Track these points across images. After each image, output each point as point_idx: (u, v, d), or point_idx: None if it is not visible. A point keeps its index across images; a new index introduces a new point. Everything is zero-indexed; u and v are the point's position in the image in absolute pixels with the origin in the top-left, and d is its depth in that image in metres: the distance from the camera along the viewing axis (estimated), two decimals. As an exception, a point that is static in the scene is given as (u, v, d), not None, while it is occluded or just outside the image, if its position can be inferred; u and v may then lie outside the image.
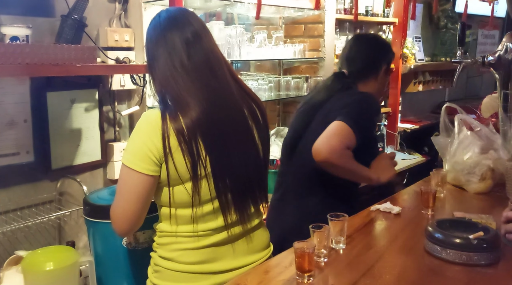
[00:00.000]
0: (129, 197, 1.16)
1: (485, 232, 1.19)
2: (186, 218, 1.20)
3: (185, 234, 1.21)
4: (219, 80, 1.19)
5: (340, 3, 3.01)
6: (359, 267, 1.18)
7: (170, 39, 1.18)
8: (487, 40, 5.17)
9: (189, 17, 1.23)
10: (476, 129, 1.76)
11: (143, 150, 1.13)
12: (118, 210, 1.18)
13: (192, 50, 1.17)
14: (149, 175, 1.14)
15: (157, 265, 1.26)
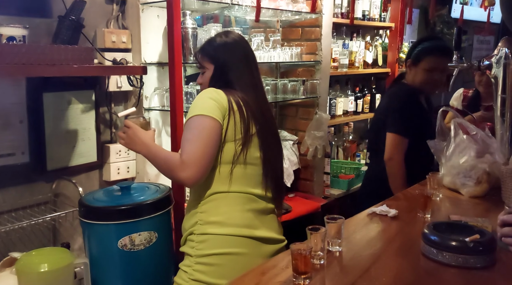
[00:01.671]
0: (204, 142, 1.37)
1: (481, 235, 1.20)
2: (238, 175, 1.44)
3: (235, 193, 1.44)
4: (259, 81, 1.60)
5: (337, 7, 3.02)
6: (355, 269, 1.18)
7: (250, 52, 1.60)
8: (483, 46, 5.21)
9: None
10: (472, 133, 1.77)
11: (214, 104, 1.41)
12: (193, 156, 1.36)
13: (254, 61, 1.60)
14: (219, 122, 1.39)
15: (204, 233, 1.42)
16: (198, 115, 1.40)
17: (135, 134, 1.51)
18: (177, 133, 1.92)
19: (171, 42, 1.87)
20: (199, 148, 1.37)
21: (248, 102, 1.47)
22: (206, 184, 1.45)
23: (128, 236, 1.61)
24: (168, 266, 1.79)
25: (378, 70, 3.47)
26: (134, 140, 1.50)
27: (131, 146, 1.52)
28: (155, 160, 1.48)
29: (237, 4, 2.26)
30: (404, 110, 2.07)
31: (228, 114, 1.41)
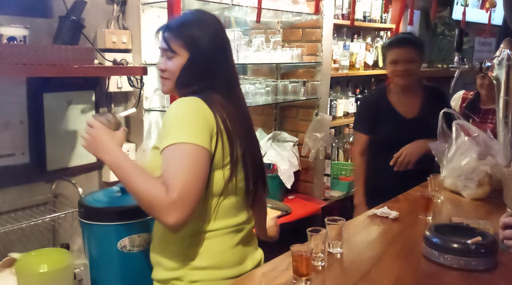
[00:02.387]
0: (195, 175, 1.08)
1: (483, 237, 1.19)
2: (226, 206, 1.23)
3: (225, 230, 1.23)
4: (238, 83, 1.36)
5: (338, 9, 3.02)
6: (356, 271, 1.17)
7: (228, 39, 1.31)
8: (484, 48, 5.21)
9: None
10: (474, 135, 1.76)
11: (203, 125, 1.14)
12: (187, 195, 1.06)
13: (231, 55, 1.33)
14: (209, 151, 1.13)
15: (196, 281, 1.19)
16: (186, 144, 1.09)
17: (97, 137, 1.19)
18: (178, 134, 1.91)
19: (171, 43, 1.87)
20: (193, 184, 1.08)
21: (232, 114, 1.22)
22: (192, 220, 1.15)
23: (128, 237, 1.60)
24: (168, 267, 1.78)
25: (379, 71, 3.46)
26: (96, 145, 1.20)
27: (93, 151, 1.21)
28: (125, 178, 1.13)
29: (237, 5, 2.26)
30: (361, 107, 2.36)
31: (216, 136, 1.16)
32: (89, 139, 1.21)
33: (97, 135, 1.20)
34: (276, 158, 2.66)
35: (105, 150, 1.18)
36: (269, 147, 2.76)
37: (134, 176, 1.11)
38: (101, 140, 1.19)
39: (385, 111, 2.18)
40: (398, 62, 2.11)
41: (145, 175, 1.12)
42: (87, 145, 1.22)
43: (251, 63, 2.67)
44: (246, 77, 2.83)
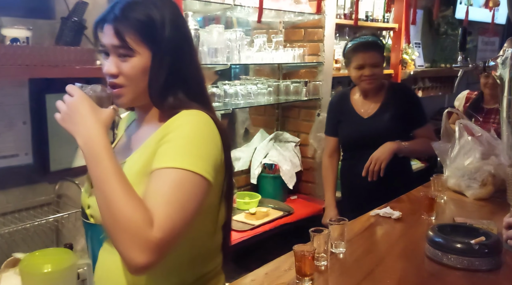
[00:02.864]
0: (189, 217, 0.85)
1: (486, 237, 1.19)
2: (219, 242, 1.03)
3: (217, 266, 1.05)
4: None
5: (340, 8, 3.01)
6: (359, 271, 1.17)
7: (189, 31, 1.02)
8: (487, 47, 5.19)
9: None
10: (477, 134, 1.75)
11: (214, 155, 0.91)
12: (169, 236, 0.81)
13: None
14: (212, 186, 0.90)
15: None
16: (193, 174, 0.86)
17: (75, 109, 0.91)
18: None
19: (174, 43, 1.87)
20: (183, 227, 0.84)
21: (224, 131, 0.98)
22: (197, 260, 0.97)
23: (131, 238, 1.60)
24: (171, 267, 1.78)
25: (382, 71, 3.46)
26: (72, 119, 0.91)
27: (67, 124, 0.92)
28: (100, 176, 0.85)
29: (239, 5, 2.26)
30: (327, 110, 2.30)
31: (223, 164, 0.95)
32: (64, 110, 0.92)
33: (75, 106, 0.91)
34: (278, 158, 2.66)
35: (82, 126, 0.89)
36: (271, 147, 2.76)
37: (114, 180, 0.84)
38: (79, 113, 0.90)
39: (347, 113, 2.16)
40: (364, 67, 2.03)
41: (129, 186, 0.84)
42: (61, 117, 0.93)
43: (253, 63, 2.66)
44: (248, 77, 2.82)
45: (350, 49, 2.09)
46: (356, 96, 2.17)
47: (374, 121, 2.08)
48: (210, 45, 2.18)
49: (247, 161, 2.72)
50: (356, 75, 2.06)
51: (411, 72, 3.70)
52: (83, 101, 0.92)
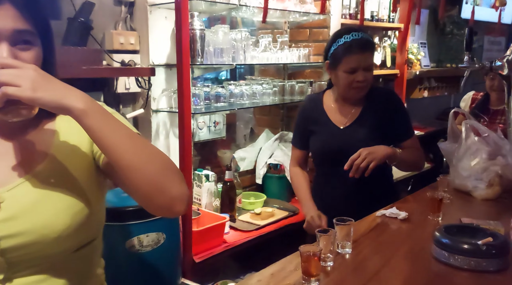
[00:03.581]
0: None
1: (494, 238, 1.17)
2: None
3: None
4: None
5: (345, 8, 3.00)
6: (365, 272, 1.16)
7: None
8: (493, 47, 5.16)
9: None
10: (484, 135, 1.74)
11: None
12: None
13: None
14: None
15: None
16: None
17: (44, 74, 0.77)
18: (185, 135, 1.92)
19: (179, 44, 1.87)
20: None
21: None
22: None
23: (136, 237, 1.61)
24: (176, 267, 1.79)
25: (387, 71, 3.45)
26: (50, 84, 0.76)
27: (45, 93, 0.74)
28: (123, 131, 0.81)
29: (244, 5, 2.26)
30: (296, 119, 1.90)
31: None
32: (29, 77, 0.73)
33: (39, 71, 0.76)
34: (283, 158, 2.66)
35: (68, 89, 0.77)
36: (276, 147, 2.76)
37: (132, 130, 0.85)
38: (50, 78, 0.77)
39: (320, 122, 1.78)
40: (357, 71, 1.66)
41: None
42: (30, 86, 0.72)
43: (258, 63, 2.66)
44: (253, 77, 2.83)
45: (340, 49, 1.67)
46: (330, 102, 1.80)
47: (352, 132, 1.73)
48: (216, 45, 2.18)
49: (252, 161, 2.72)
50: (347, 81, 1.68)
51: (417, 72, 3.68)
52: (37, 67, 0.77)
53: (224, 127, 2.57)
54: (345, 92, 1.74)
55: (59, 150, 0.90)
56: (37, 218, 0.83)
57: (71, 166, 0.89)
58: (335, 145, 1.74)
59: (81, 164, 0.91)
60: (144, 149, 0.82)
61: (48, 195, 0.85)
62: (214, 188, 2.30)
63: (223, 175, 2.32)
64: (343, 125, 1.76)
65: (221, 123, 2.54)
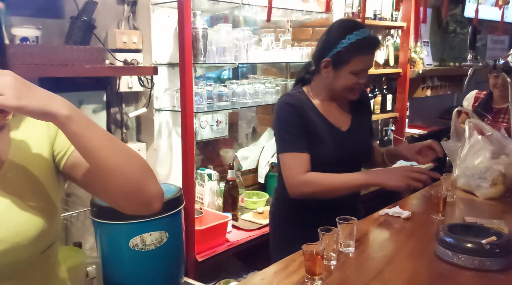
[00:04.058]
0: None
1: (498, 237, 1.17)
2: None
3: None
4: None
5: (348, 7, 3.00)
6: (368, 271, 1.16)
7: None
8: (497, 46, 5.14)
9: None
10: (487, 133, 1.74)
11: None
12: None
13: None
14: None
15: None
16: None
17: (25, 82, 0.76)
18: (187, 134, 1.92)
19: (181, 43, 1.87)
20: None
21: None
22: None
23: (139, 236, 1.61)
24: (179, 265, 1.79)
25: (390, 70, 3.44)
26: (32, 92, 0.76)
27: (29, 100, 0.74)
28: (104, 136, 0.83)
29: (247, 4, 2.26)
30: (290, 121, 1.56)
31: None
32: (11, 86, 0.73)
33: (21, 80, 0.75)
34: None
35: (51, 96, 0.77)
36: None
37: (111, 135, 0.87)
38: (33, 86, 0.76)
39: (319, 125, 1.55)
40: (362, 72, 1.53)
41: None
42: (14, 95, 0.72)
43: (260, 62, 2.67)
44: (256, 76, 2.82)
45: (351, 47, 1.48)
46: (317, 102, 1.59)
47: (355, 135, 1.61)
48: (218, 44, 2.18)
49: (254, 160, 2.72)
50: (351, 83, 1.52)
51: (420, 71, 3.68)
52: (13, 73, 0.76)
53: (227, 126, 2.57)
54: (341, 94, 1.56)
55: (17, 156, 0.88)
56: (8, 227, 0.81)
57: (32, 170, 0.89)
58: (342, 149, 1.56)
59: (42, 167, 0.90)
60: (124, 150, 0.86)
61: (14, 202, 0.84)
62: (217, 187, 2.30)
63: (226, 174, 2.32)
64: (344, 127, 1.61)
65: (223, 122, 2.54)
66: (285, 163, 1.50)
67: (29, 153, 0.89)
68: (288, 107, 1.53)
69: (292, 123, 1.52)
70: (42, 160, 0.91)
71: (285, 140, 1.52)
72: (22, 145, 0.89)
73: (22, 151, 0.89)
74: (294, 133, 1.51)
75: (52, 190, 0.91)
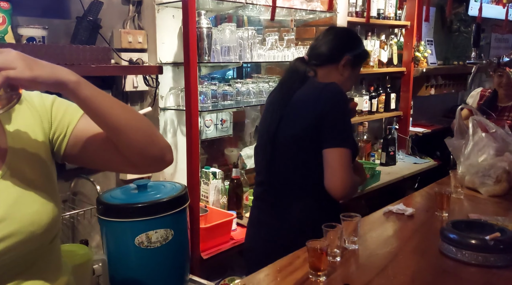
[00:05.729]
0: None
1: (502, 233, 1.18)
2: None
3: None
4: None
5: (352, 6, 3.00)
6: (372, 267, 1.17)
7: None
8: (501, 44, 5.12)
9: None
10: (491, 131, 1.74)
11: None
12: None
13: None
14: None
15: None
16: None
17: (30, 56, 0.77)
18: (192, 133, 1.93)
19: (186, 42, 1.89)
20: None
21: None
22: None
23: (145, 233, 1.62)
24: (184, 263, 1.80)
25: (393, 69, 3.44)
26: (40, 63, 0.78)
27: (41, 71, 0.76)
28: (112, 101, 0.87)
29: (251, 4, 2.27)
30: (348, 117, 1.54)
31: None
32: (22, 59, 0.74)
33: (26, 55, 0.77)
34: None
35: (57, 67, 0.79)
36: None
37: (117, 99, 0.90)
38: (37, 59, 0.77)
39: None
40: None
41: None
42: (25, 66, 0.74)
43: (264, 61, 2.67)
44: (260, 75, 2.83)
45: (364, 54, 1.63)
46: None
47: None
48: (223, 43, 2.19)
49: (258, 159, 2.72)
50: (352, 85, 1.67)
51: (424, 70, 3.67)
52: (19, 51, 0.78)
53: (231, 125, 2.58)
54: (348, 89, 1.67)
55: (16, 146, 0.88)
56: (22, 217, 0.82)
57: (33, 158, 0.89)
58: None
59: (42, 155, 0.91)
60: (130, 109, 0.92)
61: (24, 191, 0.84)
62: (221, 186, 2.32)
63: (230, 173, 2.33)
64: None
65: (228, 121, 2.55)
66: (343, 159, 1.37)
67: (27, 143, 0.89)
68: (346, 99, 1.47)
69: (349, 118, 1.47)
70: (40, 148, 0.91)
71: (348, 135, 1.42)
72: (18, 135, 0.89)
73: (20, 141, 0.89)
74: (351, 129, 1.47)
75: (52, 176, 0.92)
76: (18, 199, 0.83)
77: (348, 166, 1.38)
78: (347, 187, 1.39)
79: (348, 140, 1.40)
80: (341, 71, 1.55)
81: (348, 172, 1.38)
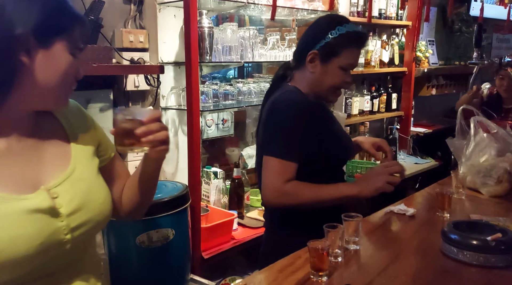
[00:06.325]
0: None
1: (503, 234, 1.17)
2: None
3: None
4: None
5: (353, 6, 3.00)
6: (373, 267, 1.17)
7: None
8: (502, 45, 5.12)
9: None
10: (493, 131, 1.74)
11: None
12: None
13: None
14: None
15: None
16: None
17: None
18: (194, 132, 1.93)
19: (187, 42, 1.89)
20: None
21: None
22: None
23: (146, 233, 1.62)
24: (185, 262, 1.81)
25: (395, 69, 3.44)
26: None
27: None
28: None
29: (253, 3, 2.27)
30: (296, 124, 1.37)
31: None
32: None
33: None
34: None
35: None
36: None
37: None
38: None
39: (330, 122, 1.49)
40: (350, 69, 1.42)
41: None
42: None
43: (266, 61, 2.67)
44: (261, 75, 2.83)
45: (342, 39, 1.36)
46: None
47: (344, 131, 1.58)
48: (224, 43, 2.19)
49: (259, 159, 2.73)
50: (339, 80, 1.40)
51: (425, 70, 3.67)
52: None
53: (232, 125, 2.58)
54: (325, 93, 1.43)
55: (75, 140, 0.97)
56: (93, 208, 0.91)
57: (90, 152, 0.99)
58: (350, 147, 1.54)
59: (93, 149, 1.01)
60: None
61: (91, 183, 0.94)
62: (222, 185, 2.32)
63: (231, 172, 2.33)
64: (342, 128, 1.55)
65: (229, 121, 2.56)
66: (269, 168, 1.32)
67: (83, 139, 0.99)
68: (293, 107, 1.35)
69: (299, 127, 1.34)
70: (91, 142, 1.01)
71: (281, 145, 1.33)
72: (74, 129, 0.98)
73: (78, 137, 0.98)
74: (296, 139, 1.34)
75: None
76: (89, 190, 0.92)
77: (275, 175, 1.31)
78: (271, 194, 1.34)
79: (280, 150, 1.31)
80: (310, 68, 1.40)
81: (274, 180, 1.31)
